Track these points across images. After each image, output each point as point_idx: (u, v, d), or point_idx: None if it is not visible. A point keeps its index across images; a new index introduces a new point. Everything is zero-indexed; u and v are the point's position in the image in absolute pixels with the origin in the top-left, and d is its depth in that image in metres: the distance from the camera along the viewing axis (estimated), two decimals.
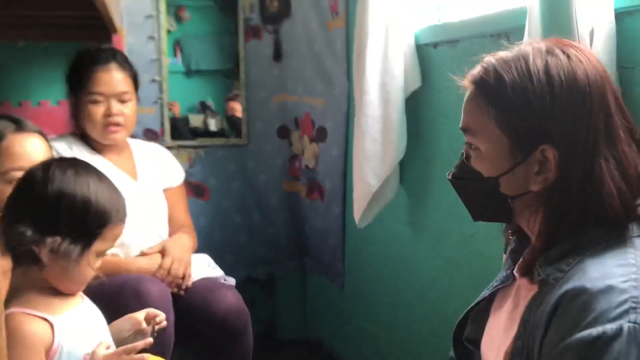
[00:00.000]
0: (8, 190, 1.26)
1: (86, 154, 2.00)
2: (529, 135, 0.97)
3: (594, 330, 0.84)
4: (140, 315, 1.38)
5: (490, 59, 1.02)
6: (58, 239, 1.17)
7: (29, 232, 1.15)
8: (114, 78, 2.00)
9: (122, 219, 1.27)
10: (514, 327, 1.02)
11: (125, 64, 2.06)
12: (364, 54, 2.04)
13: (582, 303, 0.87)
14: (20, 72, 3.21)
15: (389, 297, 2.38)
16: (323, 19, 2.67)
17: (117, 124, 1.99)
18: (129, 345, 1.23)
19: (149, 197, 2.09)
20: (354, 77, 2.16)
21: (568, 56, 0.97)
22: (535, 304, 0.98)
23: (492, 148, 1.00)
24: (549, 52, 0.97)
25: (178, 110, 3.11)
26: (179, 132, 2.99)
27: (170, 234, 2.16)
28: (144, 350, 1.23)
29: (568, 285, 0.90)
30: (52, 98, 3.06)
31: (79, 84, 1.99)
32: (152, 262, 1.98)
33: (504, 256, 1.19)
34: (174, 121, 3.03)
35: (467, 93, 1.05)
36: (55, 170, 1.21)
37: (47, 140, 1.60)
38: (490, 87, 0.99)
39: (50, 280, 1.22)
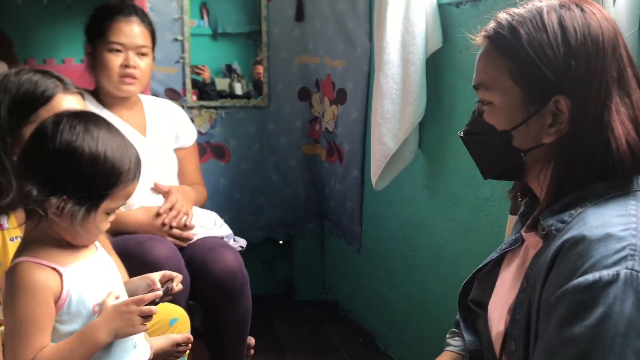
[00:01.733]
0: None
1: (94, 109, 1.99)
2: (543, 86, 0.97)
3: (590, 276, 0.85)
4: (155, 276, 1.38)
5: (503, 14, 1.02)
6: (64, 198, 1.15)
7: (34, 192, 1.14)
8: (135, 31, 2.02)
9: (133, 178, 1.23)
10: (519, 283, 1.03)
11: (146, 19, 2.08)
12: (385, 13, 2.00)
13: (580, 251, 0.88)
14: (45, 30, 3.23)
15: (404, 260, 2.37)
16: None
17: (133, 76, 2.00)
18: (137, 297, 1.23)
19: (157, 153, 2.09)
20: (375, 37, 2.12)
21: (582, 9, 0.98)
22: (538, 257, 0.99)
23: (506, 101, 1.01)
24: (563, 6, 0.98)
25: (208, 75, 3.08)
26: (208, 96, 2.97)
27: None
28: (153, 303, 1.24)
29: (568, 235, 0.91)
30: (76, 56, 3.08)
31: (100, 34, 2.00)
32: (149, 214, 1.98)
33: (509, 218, 1.17)
34: (202, 85, 3.01)
35: (481, 49, 1.05)
36: (65, 125, 1.18)
37: (84, 100, 1.61)
38: (505, 40, 0.99)
39: (61, 234, 1.21)
